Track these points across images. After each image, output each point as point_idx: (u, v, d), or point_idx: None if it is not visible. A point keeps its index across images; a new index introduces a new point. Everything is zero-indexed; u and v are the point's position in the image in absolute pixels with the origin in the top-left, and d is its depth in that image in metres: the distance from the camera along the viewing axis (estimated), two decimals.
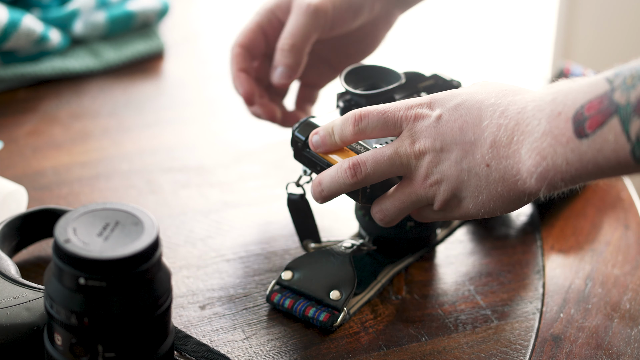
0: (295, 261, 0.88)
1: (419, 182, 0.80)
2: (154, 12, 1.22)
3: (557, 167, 0.73)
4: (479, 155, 0.77)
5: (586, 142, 0.71)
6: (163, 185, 1.01)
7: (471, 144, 0.78)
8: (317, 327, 0.85)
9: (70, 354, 0.71)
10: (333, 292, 0.86)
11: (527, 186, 0.76)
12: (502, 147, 0.76)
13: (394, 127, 0.81)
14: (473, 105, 0.78)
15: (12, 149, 1.05)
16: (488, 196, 0.78)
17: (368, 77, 0.91)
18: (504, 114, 0.76)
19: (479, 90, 0.79)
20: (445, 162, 0.79)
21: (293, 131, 0.88)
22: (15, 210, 0.93)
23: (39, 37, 1.13)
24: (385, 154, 0.81)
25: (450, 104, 0.79)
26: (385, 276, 0.90)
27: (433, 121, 0.79)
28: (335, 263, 0.87)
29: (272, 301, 0.87)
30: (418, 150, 0.80)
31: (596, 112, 0.71)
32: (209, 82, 1.19)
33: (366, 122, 0.82)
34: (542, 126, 0.74)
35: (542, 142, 0.73)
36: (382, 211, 0.83)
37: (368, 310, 0.87)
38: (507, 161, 0.76)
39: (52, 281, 0.70)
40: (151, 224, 0.70)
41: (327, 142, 0.84)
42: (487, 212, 0.80)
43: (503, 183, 0.77)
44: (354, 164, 0.81)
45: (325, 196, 0.84)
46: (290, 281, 0.87)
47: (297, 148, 0.87)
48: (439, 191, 0.80)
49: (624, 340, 0.85)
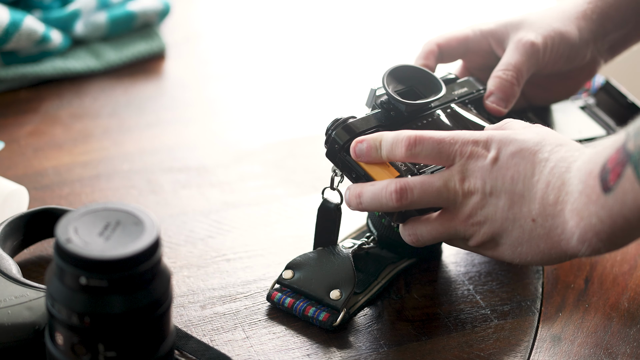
0: (295, 260, 0.88)
1: (461, 220, 0.80)
2: (155, 12, 1.22)
3: (593, 226, 0.73)
4: (526, 209, 0.78)
5: (611, 196, 0.72)
6: (164, 185, 1.01)
7: (520, 195, 0.78)
8: (317, 327, 0.85)
9: (71, 353, 0.71)
10: (333, 291, 0.86)
11: (570, 246, 0.76)
12: (549, 205, 0.77)
13: (446, 159, 0.80)
14: (528, 156, 0.78)
15: (13, 149, 1.05)
16: (528, 249, 0.79)
17: (409, 78, 0.90)
18: (553, 170, 0.77)
19: (535, 138, 0.79)
20: (492, 207, 0.79)
21: (329, 131, 0.86)
22: (16, 210, 0.93)
23: (40, 37, 1.13)
24: (434, 185, 0.80)
25: (507, 150, 0.79)
26: (386, 276, 0.90)
27: (487, 163, 0.79)
28: (336, 262, 0.87)
29: (273, 300, 0.87)
30: (467, 189, 0.79)
31: (615, 164, 0.71)
32: (210, 83, 1.19)
33: (420, 148, 0.80)
34: (579, 186, 0.74)
35: (580, 202, 0.74)
36: (416, 235, 0.83)
37: (368, 310, 0.87)
38: (553, 220, 0.76)
39: (54, 281, 0.70)
40: (152, 224, 0.70)
41: (372, 155, 0.83)
42: (521, 262, 0.80)
43: (547, 240, 0.77)
44: (402, 188, 0.80)
45: (362, 209, 0.83)
46: (291, 280, 0.87)
47: (332, 149, 0.86)
48: (479, 232, 0.80)
49: (623, 339, 0.85)
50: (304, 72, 1.21)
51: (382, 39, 1.28)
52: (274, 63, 1.22)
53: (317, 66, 1.22)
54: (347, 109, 1.14)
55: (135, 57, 1.20)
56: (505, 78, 0.93)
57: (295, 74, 1.21)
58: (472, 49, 0.98)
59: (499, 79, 0.93)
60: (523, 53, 0.93)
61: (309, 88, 1.18)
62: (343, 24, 1.31)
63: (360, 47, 1.26)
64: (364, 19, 1.32)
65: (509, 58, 0.94)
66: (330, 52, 1.25)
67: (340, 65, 1.23)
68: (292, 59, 1.23)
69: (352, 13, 1.33)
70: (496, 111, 0.93)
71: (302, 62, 1.23)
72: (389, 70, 0.89)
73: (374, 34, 1.29)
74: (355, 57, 1.24)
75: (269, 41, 1.26)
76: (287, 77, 1.20)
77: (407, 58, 1.25)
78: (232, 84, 1.18)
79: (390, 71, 0.89)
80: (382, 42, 1.28)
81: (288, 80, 1.19)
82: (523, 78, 0.94)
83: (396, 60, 1.23)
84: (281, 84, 1.19)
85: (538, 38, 0.94)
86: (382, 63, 1.23)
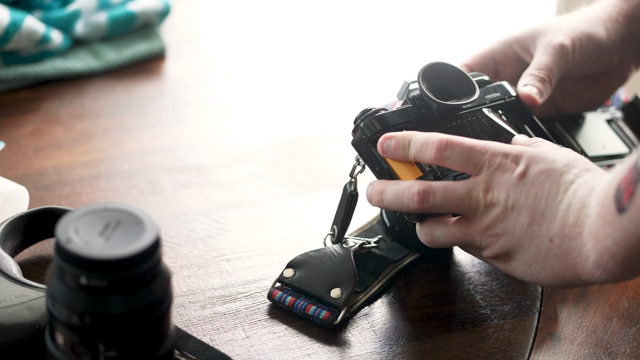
0: (297, 259, 0.88)
1: (479, 229, 0.80)
2: (155, 12, 1.22)
3: (608, 249, 0.73)
4: (545, 228, 0.78)
5: (626, 216, 0.72)
6: (164, 185, 1.01)
7: (541, 214, 0.78)
8: (318, 326, 0.85)
9: (71, 353, 0.71)
10: (334, 290, 0.86)
11: (585, 270, 0.76)
12: (568, 226, 0.77)
13: (474, 167, 0.80)
14: (554, 176, 0.78)
15: (13, 149, 1.05)
16: (542, 269, 0.79)
17: (444, 76, 0.89)
18: (576, 193, 0.77)
19: (564, 160, 0.79)
20: (512, 222, 0.79)
21: (358, 121, 0.85)
22: (16, 210, 0.93)
23: (40, 37, 1.13)
24: (457, 192, 0.80)
25: (535, 168, 0.79)
26: (387, 275, 0.90)
27: (514, 177, 0.79)
28: (337, 261, 0.87)
29: (274, 299, 0.87)
30: (490, 200, 0.79)
31: (628, 183, 0.71)
32: (210, 83, 1.19)
33: (450, 152, 0.80)
34: (596, 209, 0.74)
35: (596, 225, 0.74)
36: (432, 236, 0.83)
37: (369, 309, 0.87)
38: (571, 242, 0.76)
39: (54, 280, 0.70)
40: (152, 224, 0.70)
41: (399, 153, 0.83)
42: (533, 280, 0.80)
43: (562, 262, 0.77)
44: (425, 191, 0.80)
45: (382, 206, 0.83)
46: (292, 279, 0.87)
47: (359, 139, 0.85)
48: (495, 244, 0.80)
49: (622, 339, 0.85)
50: (304, 72, 1.21)
51: (382, 38, 1.28)
52: (274, 63, 1.22)
53: (317, 66, 1.22)
54: (348, 109, 1.14)
55: (136, 57, 1.20)
56: (538, 75, 0.93)
57: (296, 74, 1.21)
58: (500, 60, 0.98)
59: (532, 75, 0.94)
60: (553, 54, 0.94)
61: (309, 88, 1.18)
62: (343, 23, 1.31)
63: (360, 46, 1.27)
64: (364, 18, 1.32)
65: (540, 59, 0.94)
66: (330, 52, 1.25)
67: (340, 65, 1.23)
68: (292, 59, 1.23)
69: (352, 13, 1.33)
70: (531, 99, 0.92)
71: (302, 62, 1.23)
72: (426, 66, 0.88)
73: (374, 34, 1.29)
74: (356, 56, 1.24)
75: (269, 41, 1.26)
76: (287, 77, 1.20)
77: (407, 58, 1.25)
78: (233, 84, 1.18)
79: (427, 67, 0.88)
80: (382, 42, 1.28)
81: (288, 81, 1.19)
82: (555, 78, 0.94)
83: (396, 60, 1.23)
84: (281, 84, 1.19)
85: (567, 40, 0.94)
86: (382, 63, 1.24)
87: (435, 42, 1.30)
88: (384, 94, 1.15)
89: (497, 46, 0.98)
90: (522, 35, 0.97)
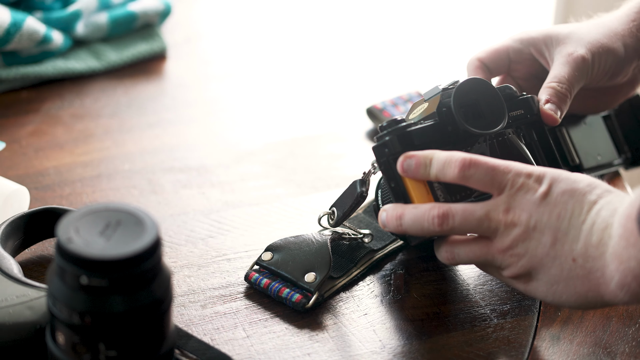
0: (276, 243, 0.90)
1: (500, 249, 0.80)
2: (156, 13, 1.22)
3: (632, 270, 0.73)
4: (567, 248, 0.77)
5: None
6: (164, 185, 1.02)
7: (564, 234, 0.78)
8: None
9: (72, 353, 0.71)
10: (308, 274, 0.87)
11: (608, 291, 0.76)
12: (591, 246, 0.76)
13: (497, 187, 0.80)
14: (577, 196, 0.78)
15: (14, 149, 1.06)
16: (564, 289, 0.78)
17: (476, 92, 0.87)
18: (600, 213, 0.77)
19: (587, 180, 0.79)
20: (533, 242, 0.78)
21: (384, 132, 0.84)
22: (17, 210, 0.93)
23: (41, 38, 1.14)
24: (476, 214, 0.80)
25: (559, 187, 0.79)
26: (365, 263, 0.91)
27: (537, 198, 0.79)
28: (314, 247, 0.89)
29: (250, 280, 0.89)
30: (511, 220, 0.79)
31: None
32: (211, 83, 1.19)
33: (473, 171, 0.80)
34: (619, 230, 0.74)
35: (619, 246, 0.74)
36: (452, 254, 0.83)
37: (368, 309, 0.87)
38: (594, 262, 0.76)
39: (55, 280, 0.71)
40: (152, 224, 0.71)
41: (420, 172, 0.82)
42: (554, 301, 0.80)
43: (584, 282, 0.77)
44: (444, 214, 0.80)
45: (401, 231, 0.83)
46: (269, 262, 0.89)
47: (382, 150, 0.84)
48: (517, 264, 0.80)
49: (621, 338, 0.85)
50: (304, 72, 1.21)
51: (382, 38, 1.29)
52: (275, 63, 1.23)
53: (317, 66, 1.23)
54: (348, 109, 1.14)
55: (136, 58, 1.20)
56: (559, 90, 0.93)
57: (296, 74, 1.21)
58: (514, 58, 0.98)
59: (553, 89, 0.93)
60: (575, 68, 0.93)
61: (309, 88, 1.18)
62: (343, 23, 1.31)
63: (360, 46, 1.27)
64: (364, 18, 1.32)
65: (561, 71, 0.94)
66: (330, 52, 1.25)
67: (340, 65, 1.23)
68: (293, 59, 1.24)
69: (352, 13, 1.33)
70: (552, 119, 0.92)
71: (303, 62, 1.23)
72: (462, 83, 0.87)
73: (374, 34, 1.29)
74: (356, 56, 1.25)
75: (269, 41, 1.27)
76: (288, 77, 1.20)
77: (407, 57, 1.25)
78: (233, 84, 1.18)
79: (463, 84, 0.87)
80: (382, 42, 1.28)
81: (288, 81, 1.20)
82: (574, 91, 0.94)
83: (396, 60, 1.23)
84: (281, 84, 1.19)
85: (588, 53, 0.94)
86: (382, 63, 1.24)
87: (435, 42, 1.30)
88: (383, 93, 1.15)
89: (513, 44, 0.98)
90: (539, 38, 0.97)
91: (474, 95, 0.87)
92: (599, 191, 0.79)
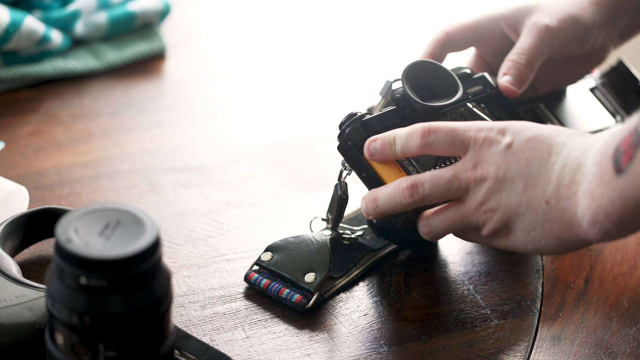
0: (275, 243, 0.90)
1: (473, 207, 0.80)
2: (155, 12, 1.22)
3: (605, 208, 0.73)
4: (540, 191, 0.78)
5: (623, 178, 0.72)
6: (164, 185, 1.01)
7: (535, 178, 0.78)
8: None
9: (71, 353, 0.71)
10: (308, 275, 0.87)
11: (581, 229, 0.76)
12: (563, 186, 0.77)
13: (460, 147, 0.80)
14: (544, 140, 0.78)
15: (13, 149, 1.05)
16: (541, 233, 0.78)
17: (427, 75, 0.89)
18: (570, 153, 0.77)
19: (551, 128, 0.80)
20: (505, 192, 0.79)
21: (343, 127, 0.86)
22: (16, 210, 0.93)
23: (40, 37, 1.13)
24: (444, 177, 0.80)
25: (523, 135, 0.79)
26: (365, 263, 0.91)
27: (502, 148, 0.79)
28: (314, 247, 0.88)
29: (249, 281, 0.88)
30: (480, 175, 0.79)
31: (628, 147, 0.72)
32: (210, 83, 1.19)
33: (434, 137, 0.81)
34: (593, 168, 0.74)
35: (592, 184, 0.74)
36: (430, 226, 0.83)
37: (368, 310, 0.87)
38: (567, 202, 0.76)
39: (54, 280, 0.70)
40: (152, 224, 0.71)
41: (386, 152, 0.83)
42: (535, 248, 0.80)
43: (559, 223, 0.77)
44: (412, 184, 0.81)
45: (379, 213, 0.83)
46: (269, 262, 0.89)
47: (345, 145, 0.86)
48: (492, 219, 0.80)
49: (622, 339, 0.85)
50: (305, 72, 1.21)
51: (382, 38, 1.28)
52: (275, 63, 1.22)
53: (318, 66, 1.22)
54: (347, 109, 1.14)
55: (136, 57, 1.20)
56: (518, 61, 0.93)
57: (296, 74, 1.21)
58: (483, 35, 0.97)
59: (512, 62, 0.93)
60: (538, 37, 0.93)
61: (309, 88, 1.18)
62: (343, 23, 1.31)
63: (360, 46, 1.27)
64: (365, 18, 1.32)
65: (523, 42, 0.94)
66: (330, 51, 1.25)
67: (340, 65, 1.23)
68: (293, 59, 1.23)
69: (352, 12, 1.33)
70: (510, 91, 0.93)
71: (303, 62, 1.23)
72: (409, 66, 0.89)
73: (374, 33, 1.29)
74: (356, 56, 1.24)
75: (269, 41, 1.26)
76: (288, 77, 1.20)
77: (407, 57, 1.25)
78: (233, 84, 1.18)
79: (410, 66, 0.89)
80: (383, 42, 1.28)
81: (288, 80, 1.19)
82: (537, 62, 0.94)
83: (396, 60, 1.23)
84: (281, 84, 1.19)
85: (553, 22, 0.93)
86: (382, 62, 1.24)
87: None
88: None
89: (483, 20, 0.97)
90: (509, 14, 0.96)
91: (425, 78, 0.89)
92: (566, 134, 0.79)
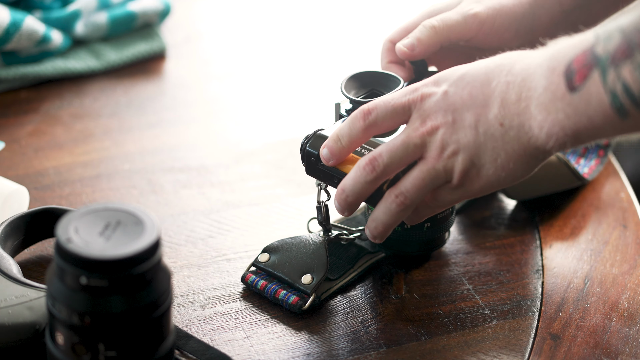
0: (273, 244, 0.90)
1: (435, 157, 0.80)
2: (155, 12, 1.22)
3: (560, 121, 0.74)
4: (491, 116, 0.78)
5: (577, 96, 0.73)
6: (164, 185, 1.02)
7: (483, 106, 0.78)
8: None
9: (71, 353, 0.71)
10: (305, 276, 0.87)
11: (539, 142, 0.76)
12: (512, 104, 0.77)
13: (403, 113, 0.81)
14: (479, 70, 0.79)
15: (14, 149, 1.05)
16: (506, 157, 0.78)
17: (368, 83, 0.91)
18: (510, 72, 0.77)
19: (482, 60, 0.80)
20: (460, 131, 0.79)
21: (303, 147, 0.86)
22: (17, 210, 0.93)
23: (40, 37, 1.14)
24: (397, 141, 0.80)
25: (455, 76, 0.80)
26: (363, 265, 0.91)
27: (440, 96, 0.79)
28: (311, 249, 0.89)
29: (247, 282, 0.89)
30: (430, 127, 0.79)
31: (582, 66, 0.73)
32: (211, 83, 1.19)
33: (375, 114, 0.81)
34: (542, 82, 0.75)
35: (545, 98, 0.75)
36: (403, 193, 0.81)
37: (368, 309, 0.87)
38: (520, 118, 0.77)
39: (54, 280, 0.71)
40: (152, 224, 0.71)
41: (336, 149, 0.83)
42: (508, 175, 0.79)
43: (518, 141, 0.77)
44: (370, 159, 0.81)
45: (350, 202, 0.83)
46: (266, 263, 0.89)
47: (310, 163, 0.86)
48: (457, 161, 0.79)
49: (622, 339, 0.85)
50: (305, 72, 1.21)
51: (382, 38, 1.28)
52: (275, 63, 1.22)
53: (318, 66, 1.22)
54: None
55: (136, 57, 1.20)
56: (424, 24, 0.92)
57: (296, 74, 1.21)
58: None
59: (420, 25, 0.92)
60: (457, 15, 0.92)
61: (309, 88, 1.18)
62: (343, 23, 1.31)
63: (360, 46, 1.27)
64: (365, 18, 1.32)
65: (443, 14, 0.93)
66: (330, 52, 1.25)
67: (340, 65, 1.23)
68: (293, 59, 1.24)
69: (352, 12, 1.33)
70: (400, 52, 0.92)
71: (303, 62, 1.23)
72: (346, 80, 0.90)
73: (374, 34, 1.29)
74: (356, 56, 1.25)
75: (269, 41, 1.27)
76: (288, 77, 1.20)
77: None
78: (233, 84, 1.18)
79: (347, 80, 0.90)
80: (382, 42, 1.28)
81: (288, 81, 1.20)
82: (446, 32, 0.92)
83: None
84: (281, 84, 1.19)
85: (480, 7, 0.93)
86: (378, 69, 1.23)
87: None
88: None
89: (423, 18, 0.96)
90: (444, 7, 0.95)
91: (368, 86, 0.91)
92: (498, 57, 0.79)
